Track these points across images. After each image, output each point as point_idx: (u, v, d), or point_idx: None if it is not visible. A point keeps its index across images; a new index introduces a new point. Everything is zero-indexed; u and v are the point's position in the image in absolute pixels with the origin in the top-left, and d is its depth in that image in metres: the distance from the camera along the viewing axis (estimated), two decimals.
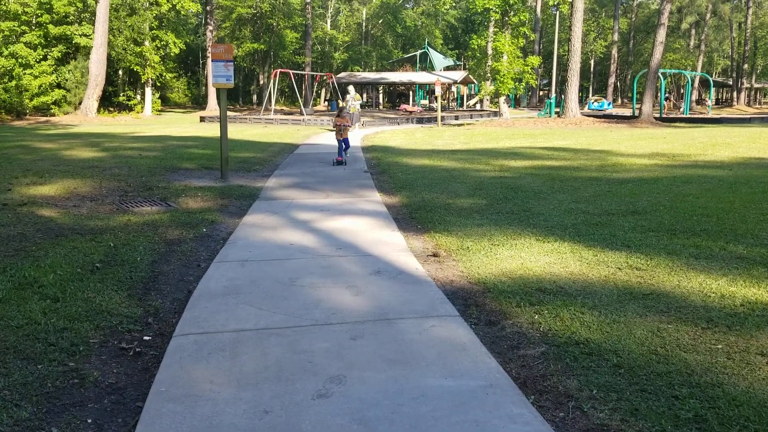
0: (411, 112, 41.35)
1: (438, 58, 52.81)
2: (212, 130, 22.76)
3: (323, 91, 63.58)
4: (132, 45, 39.57)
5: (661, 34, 32.64)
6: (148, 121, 35.11)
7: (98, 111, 35.19)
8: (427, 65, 54.30)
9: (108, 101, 40.02)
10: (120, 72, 42.97)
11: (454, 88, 54.55)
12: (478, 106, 54.64)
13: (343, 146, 13.55)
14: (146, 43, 40.28)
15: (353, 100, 22.89)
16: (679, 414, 2.99)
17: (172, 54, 42.37)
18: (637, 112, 34.97)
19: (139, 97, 43.38)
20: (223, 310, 4.39)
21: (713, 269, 5.29)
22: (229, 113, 33.44)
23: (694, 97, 59.62)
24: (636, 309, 4.38)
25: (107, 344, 3.92)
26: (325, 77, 43.48)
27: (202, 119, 33.89)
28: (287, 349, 3.71)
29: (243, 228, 7.10)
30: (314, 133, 23.68)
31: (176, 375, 3.38)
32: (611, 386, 3.28)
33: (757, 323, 4.09)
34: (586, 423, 2.97)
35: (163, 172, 11.38)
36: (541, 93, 70.54)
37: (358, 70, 59.62)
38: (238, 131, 23.21)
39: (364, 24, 67.23)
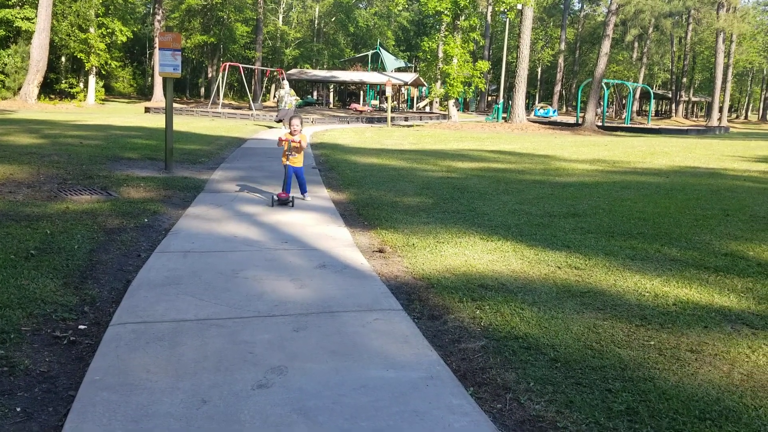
0: (361, 112, 41.36)
1: (389, 59, 53.05)
2: (157, 121, 22.22)
3: (273, 87, 62.93)
4: (77, 31, 38.30)
5: (606, 46, 33.62)
6: (90, 109, 34.05)
7: (39, 98, 33.92)
8: (378, 66, 54.44)
9: (49, 88, 38.59)
10: (63, 59, 41.52)
11: (404, 90, 54.85)
12: (427, 109, 55.10)
13: (291, 180, 7.97)
14: (91, 30, 39.05)
15: (288, 96, 22.30)
16: (612, 406, 3.08)
17: (118, 42, 41.22)
18: (580, 120, 35.89)
19: (82, 85, 42.00)
20: (162, 300, 4.29)
21: (648, 270, 5.48)
22: (175, 105, 32.75)
23: (635, 108, 61.60)
24: (573, 306, 4.49)
25: (40, 332, 3.78)
26: (275, 73, 43.05)
27: (147, 110, 33.10)
28: (228, 340, 3.66)
29: (186, 219, 6.97)
30: (263, 128, 23.42)
31: (112, 364, 3.29)
32: (548, 379, 3.36)
33: (688, 322, 4.25)
34: (522, 414, 3.03)
35: (105, 161, 11.06)
36: (489, 98, 71.62)
37: (309, 68, 59.27)
38: (184, 123, 22.75)
39: (316, 21, 66.89)
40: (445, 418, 2.89)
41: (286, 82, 23.42)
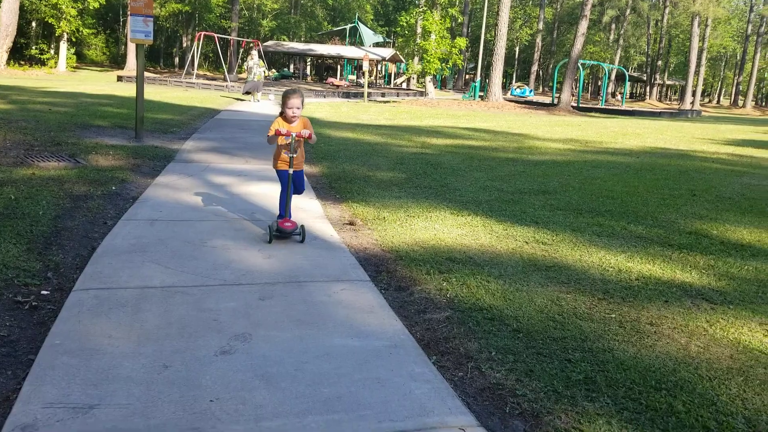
0: (338, 86, 41.05)
1: (368, 34, 52.54)
2: (129, 90, 21.78)
3: (249, 58, 61.99)
4: None
5: (583, 26, 33.66)
6: (61, 77, 33.24)
7: (8, 63, 33.01)
8: (356, 40, 53.91)
9: (19, 54, 37.53)
10: (33, 24, 40.35)
11: (382, 66, 54.46)
12: (404, 85, 54.83)
13: (289, 196, 5.15)
14: None
15: (257, 67, 21.88)
16: (571, 376, 3.15)
17: (90, 8, 40.08)
18: (556, 100, 36.06)
19: (52, 51, 40.92)
20: (127, 267, 4.25)
21: (613, 246, 5.57)
22: (149, 75, 32.23)
23: (611, 89, 62.03)
24: (538, 279, 4.55)
25: (1, 297, 3.73)
26: (251, 44, 42.42)
27: (120, 79, 32.42)
28: (193, 308, 3.65)
29: (155, 188, 6.88)
30: (237, 100, 23.13)
31: (73, 329, 3.26)
32: (509, 349, 3.41)
33: (650, 296, 4.34)
34: (483, 382, 3.08)
35: (74, 128, 10.84)
36: (467, 76, 71.49)
37: (286, 40, 58.47)
38: (157, 93, 22.36)
39: None
40: (406, 385, 2.92)
41: (255, 52, 22.95)
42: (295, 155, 4.94)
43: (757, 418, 2.84)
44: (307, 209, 6.33)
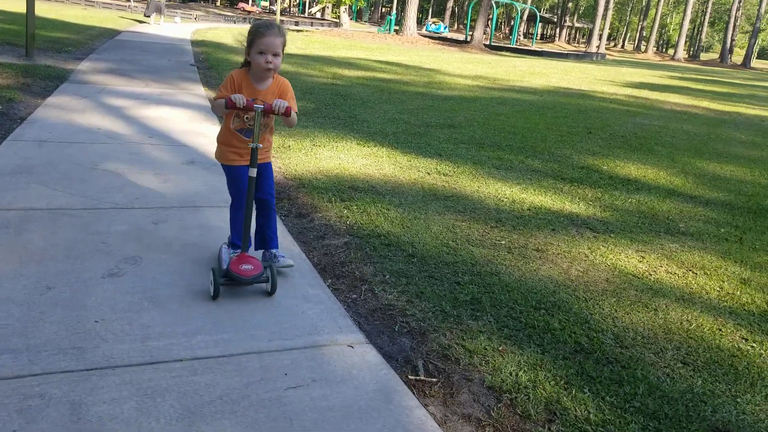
0: (249, 12, 39.46)
1: None
2: (21, 5, 20.04)
3: None
4: None
5: None
6: None
7: None
8: None
9: None
10: None
11: None
12: (319, 15, 53.35)
13: (249, 211, 3.01)
14: None
15: None
16: (459, 297, 3.29)
17: None
18: (469, 38, 36.20)
19: None
20: (11, 188, 4.03)
21: (510, 179, 5.77)
22: None
23: (522, 30, 62.82)
24: (437, 208, 4.67)
25: None
26: None
27: None
28: (81, 230, 3.52)
29: (45, 109, 6.47)
30: (140, 21, 21.81)
31: None
32: (403, 273, 3.51)
33: (539, 225, 4.56)
34: (375, 303, 3.17)
35: None
36: (383, 9, 70.34)
37: None
38: (53, 10, 20.71)
39: None
40: (299, 306, 2.97)
41: None
42: (260, 146, 2.96)
43: (625, 334, 3.08)
44: (209, 135, 6.16)
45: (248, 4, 47.74)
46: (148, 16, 21.31)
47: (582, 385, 2.59)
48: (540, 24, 61.48)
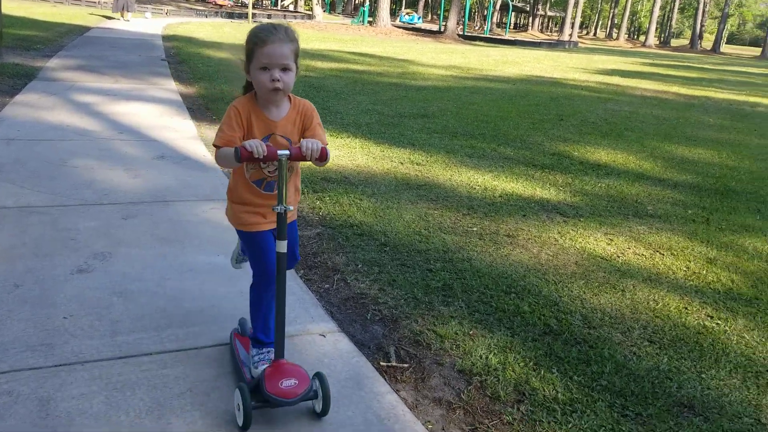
0: (221, 6, 39.09)
1: None
2: None
3: None
4: None
5: None
6: None
7: None
8: None
9: None
10: None
11: None
12: (291, 7, 52.99)
13: (282, 293, 2.18)
14: None
15: None
16: (430, 284, 3.32)
17: None
18: (443, 28, 36.22)
19: None
20: None
21: (482, 166, 5.81)
22: None
23: (495, 20, 63.03)
24: (409, 197, 4.70)
25: None
26: None
27: None
28: (50, 227, 3.48)
29: (13, 107, 6.38)
30: (109, 18, 21.49)
31: None
32: (375, 262, 3.53)
33: (510, 211, 4.60)
34: (347, 292, 3.18)
35: None
36: (356, 1, 70.03)
37: None
38: (21, 8, 20.27)
39: None
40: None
41: None
42: (290, 208, 2.10)
43: (593, 315, 3.13)
44: (179, 129, 6.11)
45: None
46: (117, 12, 21.01)
47: (551, 365, 2.63)
48: (513, 13, 61.80)
